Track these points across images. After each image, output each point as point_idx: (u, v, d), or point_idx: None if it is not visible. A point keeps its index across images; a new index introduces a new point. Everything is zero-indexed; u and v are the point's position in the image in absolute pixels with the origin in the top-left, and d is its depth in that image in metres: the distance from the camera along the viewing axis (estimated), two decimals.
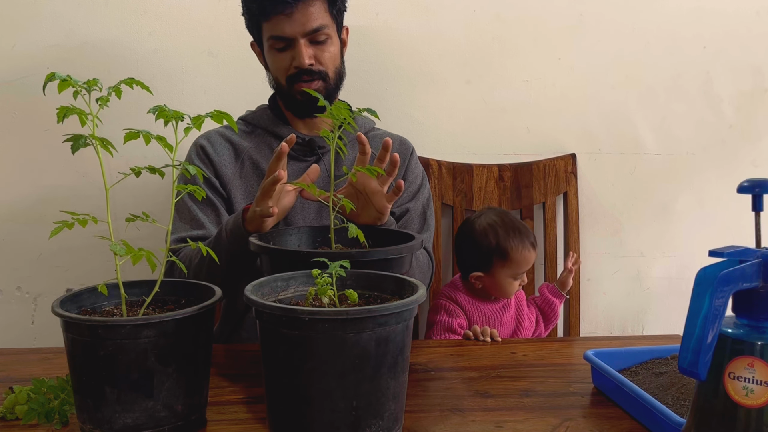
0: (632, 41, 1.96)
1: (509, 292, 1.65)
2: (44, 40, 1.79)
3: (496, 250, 1.61)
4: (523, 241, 1.62)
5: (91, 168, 1.81)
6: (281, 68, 1.47)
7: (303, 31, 1.42)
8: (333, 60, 1.48)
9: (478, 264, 1.64)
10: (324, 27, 1.44)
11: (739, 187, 0.67)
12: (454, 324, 1.60)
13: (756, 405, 0.63)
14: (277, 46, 1.46)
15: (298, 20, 1.41)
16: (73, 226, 0.85)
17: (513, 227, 1.64)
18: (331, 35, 1.47)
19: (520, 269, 1.63)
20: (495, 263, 1.62)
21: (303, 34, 1.43)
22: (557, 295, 1.76)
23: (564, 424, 0.96)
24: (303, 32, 1.43)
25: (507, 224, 1.65)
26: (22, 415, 0.93)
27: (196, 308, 0.88)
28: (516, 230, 1.64)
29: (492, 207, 1.81)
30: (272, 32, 1.45)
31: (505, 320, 1.67)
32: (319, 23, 1.43)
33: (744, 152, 2.04)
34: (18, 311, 1.86)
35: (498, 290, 1.65)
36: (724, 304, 0.63)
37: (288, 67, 1.46)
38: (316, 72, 1.46)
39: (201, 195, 0.93)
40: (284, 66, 1.46)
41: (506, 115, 1.96)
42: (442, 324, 1.61)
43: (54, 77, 0.83)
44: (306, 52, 1.44)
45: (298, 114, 1.54)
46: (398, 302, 0.82)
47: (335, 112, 1.04)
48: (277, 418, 0.85)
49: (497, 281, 1.63)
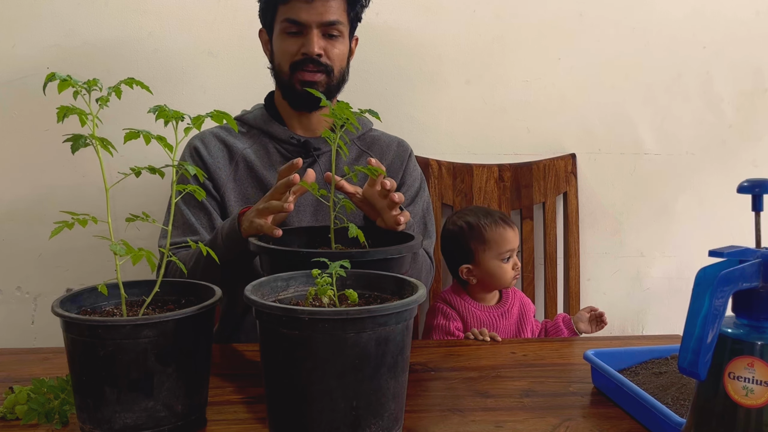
0: (632, 41, 1.96)
1: (503, 277, 1.64)
2: (44, 40, 1.79)
3: (471, 236, 1.64)
4: (496, 221, 1.64)
5: (91, 168, 1.81)
6: (288, 53, 1.46)
7: (319, 20, 1.43)
8: (340, 59, 1.49)
9: (463, 258, 1.65)
10: (339, 23, 1.45)
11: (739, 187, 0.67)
12: (451, 327, 1.60)
13: (756, 405, 0.63)
14: (289, 29, 1.45)
15: (316, 9, 1.42)
16: (73, 226, 0.85)
17: (484, 213, 1.67)
18: (343, 34, 1.48)
19: (501, 248, 1.63)
20: (476, 250, 1.63)
21: (318, 24, 1.43)
22: (569, 327, 1.68)
23: (564, 424, 0.96)
24: (318, 22, 1.43)
25: (478, 212, 1.68)
26: (22, 415, 0.93)
27: (196, 308, 0.88)
28: (487, 214, 1.67)
29: (467, 207, 1.83)
30: (288, 14, 1.44)
31: (502, 326, 1.66)
32: (335, 17, 1.44)
33: (744, 152, 2.04)
34: (18, 311, 1.86)
35: (492, 278, 1.64)
36: (724, 304, 0.63)
37: (295, 53, 1.45)
38: (323, 64, 1.45)
39: (201, 195, 0.93)
40: (291, 51, 1.46)
41: (506, 115, 1.96)
42: (440, 327, 1.61)
43: (54, 77, 0.83)
44: (317, 41, 1.44)
45: (294, 105, 1.52)
46: (398, 302, 0.82)
47: (338, 111, 1.04)
48: (277, 418, 0.85)
49: (486, 268, 1.63)
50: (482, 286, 1.66)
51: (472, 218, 1.66)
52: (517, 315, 1.69)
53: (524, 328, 1.69)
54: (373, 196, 1.18)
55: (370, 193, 1.19)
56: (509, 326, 1.67)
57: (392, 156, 1.59)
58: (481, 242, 1.63)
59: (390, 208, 1.16)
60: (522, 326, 1.69)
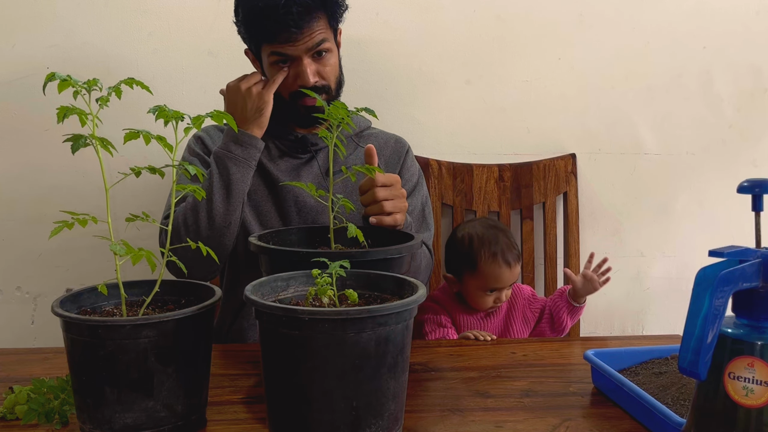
0: (632, 41, 1.96)
1: (480, 305, 1.61)
2: (44, 40, 1.79)
3: (465, 258, 1.60)
4: (494, 256, 1.57)
5: (91, 168, 1.81)
6: (284, 86, 1.45)
7: (306, 48, 1.41)
8: (334, 71, 1.48)
9: (452, 268, 1.65)
10: (326, 40, 1.43)
11: (739, 187, 0.67)
12: (441, 319, 1.60)
13: (756, 405, 0.63)
14: (279, 61, 1.43)
15: (302, 40, 1.40)
16: (73, 226, 0.85)
17: (491, 239, 1.59)
18: (331, 47, 1.46)
19: (488, 284, 1.58)
20: (464, 272, 1.61)
21: (306, 52, 1.41)
22: (566, 300, 1.65)
23: (564, 424, 0.96)
24: (306, 50, 1.41)
25: (487, 236, 1.60)
26: (22, 415, 0.93)
27: (196, 308, 0.88)
28: (492, 242, 1.58)
29: (488, 218, 1.79)
30: (274, 50, 1.42)
31: (490, 327, 1.65)
32: (321, 37, 1.42)
33: (744, 152, 2.04)
34: (18, 311, 1.86)
35: (470, 299, 1.63)
36: (724, 304, 0.63)
37: (291, 85, 1.44)
38: (320, 87, 1.44)
39: (201, 195, 0.93)
40: (287, 83, 1.44)
41: (506, 115, 1.96)
42: (431, 320, 1.62)
43: (54, 77, 0.83)
44: (310, 69, 1.42)
45: (299, 124, 1.53)
46: (398, 302, 0.82)
47: (333, 111, 1.04)
48: (277, 418, 0.85)
49: (467, 290, 1.62)
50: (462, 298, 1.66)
51: (477, 239, 1.60)
52: (505, 310, 1.68)
53: (512, 322, 1.67)
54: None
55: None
56: (497, 324, 1.67)
57: (389, 152, 1.59)
58: (472, 270, 1.59)
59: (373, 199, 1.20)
60: (510, 320, 1.67)
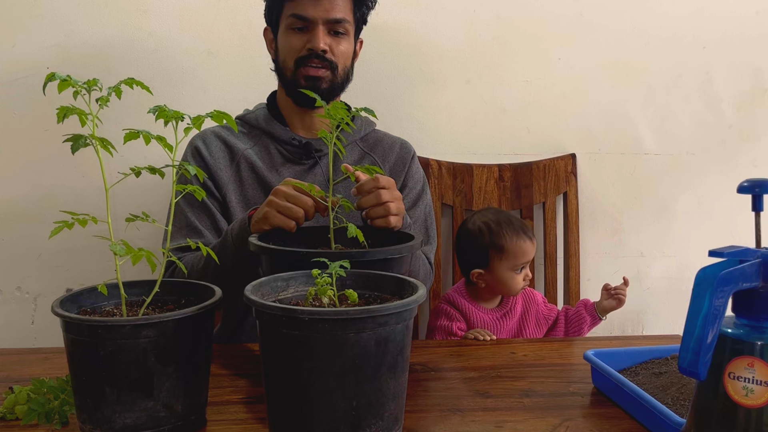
0: (632, 41, 1.96)
1: (513, 287, 1.63)
2: (44, 40, 1.79)
3: (491, 244, 1.61)
4: (517, 232, 1.62)
5: (91, 168, 1.81)
6: (293, 48, 1.46)
7: (325, 17, 1.43)
8: (345, 57, 1.49)
9: (476, 261, 1.64)
10: (345, 21, 1.46)
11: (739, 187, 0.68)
12: (454, 328, 1.60)
13: (756, 405, 0.63)
14: (295, 25, 1.45)
15: (323, 5, 1.43)
16: (73, 226, 0.85)
17: (506, 220, 1.64)
18: (349, 33, 1.48)
19: (517, 260, 1.61)
20: (492, 257, 1.62)
21: (324, 20, 1.44)
22: (592, 313, 1.69)
23: (564, 424, 0.96)
24: (325, 18, 1.44)
25: (500, 218, 1.65)
26: (22, 415, 0.93)
27: (195, 308, 0.88)
28: (509, 222, 1.63)
29: (489, 207, 1.81)
30: (294, 10, 1.44)
31: (506, 327, 1.65)
32: (342, 15, 1.45)
33: (744, 152, 2.04)
34: (18, 311, 1.86)
35: (501, 286, 1.63)
36: (724, 304, 0.63)
37: (300, 48, 1.46)
38: (328, 60, 1.45)
39: (201, 195, 0.93)
40: (297, 47, 1.46)
41: (506, 115, 1.96)
42: (443, 328, 1.61)
43: (54, 77, 0.83)
44: (323, 37, 1.44)
45: (298, 102, 1.51)
46: (398, 302, 0.82)
47: (333, 112, 1.04)
48: (277, 418, 0.85)
49: (498, 276, 1.62)
50: (490, 291, 1.66)
51: (494, 223, 1.63)
52: (520, 312, 1.69)
53: (525, 324, 1.68)
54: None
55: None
56: (512, 326, 1.67)
57: (395, 158, 1.59)
58: (499, 250, 1.61)
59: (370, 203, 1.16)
60: (524, 323, 1.69)
